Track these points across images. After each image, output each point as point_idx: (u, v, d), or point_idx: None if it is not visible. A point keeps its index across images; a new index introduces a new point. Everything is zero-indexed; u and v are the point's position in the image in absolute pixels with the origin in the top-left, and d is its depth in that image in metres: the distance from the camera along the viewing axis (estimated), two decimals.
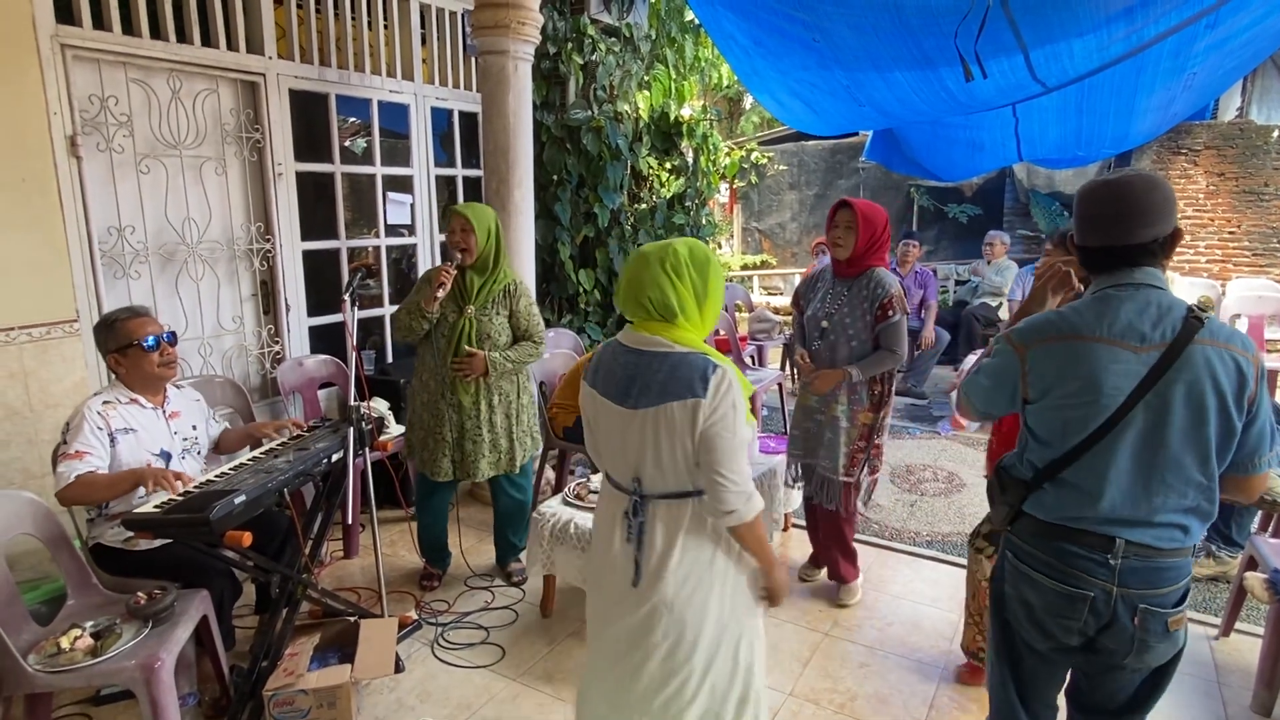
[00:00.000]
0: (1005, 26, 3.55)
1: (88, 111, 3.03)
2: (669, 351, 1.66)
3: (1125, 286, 1.52)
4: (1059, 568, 1.56)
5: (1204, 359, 1.44)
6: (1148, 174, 1.57)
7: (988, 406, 1.70)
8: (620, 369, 1.72)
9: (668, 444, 1.64)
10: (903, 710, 2.54)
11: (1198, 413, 1.45)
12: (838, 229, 2.90)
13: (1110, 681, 1.63)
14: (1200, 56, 4.38)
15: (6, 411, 2.83)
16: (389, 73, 4.19)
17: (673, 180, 5.91)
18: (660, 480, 1.69)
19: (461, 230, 2.94)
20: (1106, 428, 1.48)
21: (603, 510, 1.85)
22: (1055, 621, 1.58)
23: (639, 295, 1.67)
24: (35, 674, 1.98)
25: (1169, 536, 1.51)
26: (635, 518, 1.72)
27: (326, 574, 3.37)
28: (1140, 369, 1.46)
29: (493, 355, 2.98)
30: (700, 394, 1.60)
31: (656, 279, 1.65)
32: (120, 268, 3.21)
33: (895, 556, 3.63)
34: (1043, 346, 1.55)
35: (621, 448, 1.73)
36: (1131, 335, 1.47)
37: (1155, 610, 1.51)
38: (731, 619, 1.73)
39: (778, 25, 4.03)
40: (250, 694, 2.36)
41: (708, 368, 1.62)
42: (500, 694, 2.59)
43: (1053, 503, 1.57)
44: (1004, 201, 9.28)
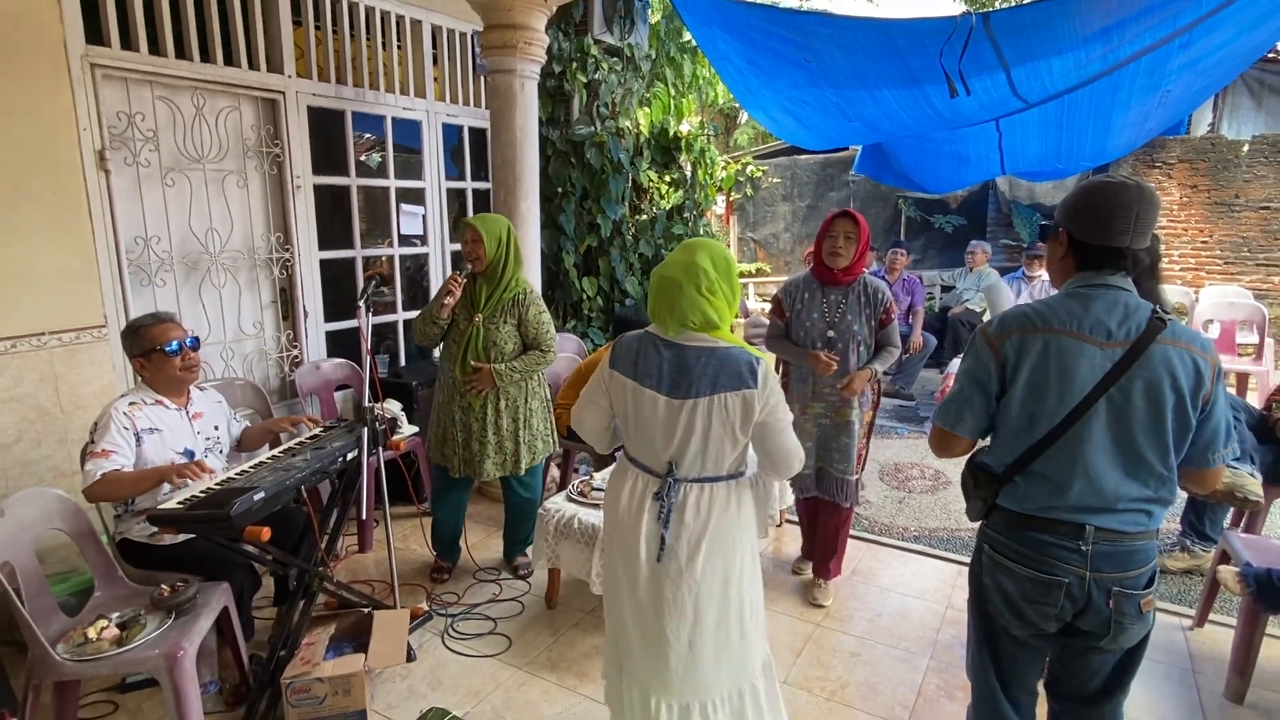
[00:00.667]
0: (988, 46, 3.56)
1: (116, 127, 3.03)
2: (714, 347, 1.75)
3: (1099, 286, 1.53)
4: (1034, 556, 1.57)
5: (1164, 358, 1.46)
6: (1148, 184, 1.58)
7: (962, 410, 1.62)
8: (665, 362, 1.77)
9: (717, 431, 1.74)
10: (891, 698, 2.53)
11: (1156, 407, 1.48)
12: (836, 239, 2.86)
13: (1086, 666, 1.64)
14: (1174, 75, 4.38)
15: (38, 412, 2.84)
16: (402, 90, 4.20)
17: (672, 192, 5.91)
18: (698, 465, 1.78)
19: (471, 241, 2.94)
20: (1072, 419, 1.49)
21: (625, 492, 1.86)
22: (1033, 608, 1.58)
23: (683, 319, 1.74)
24: (63, 663, 1.98)
25: (1133, 521, 1.53)
26: (668, 498, 1.78)
27: (342, 567, 3.36)
28: (1105, 363, 1.48)
29: (498, 367, 2.95)
30: (752, 384, 1.71)
31: (696, 303, 1.73)
32: (146, 275, 3.21)
33: (884, 551, 3.62)
34: (1018, 338, 1.54)
35: (663, 435, 1.78)
36: (1099, 331, 1.49)
37: (1128, 593, 1.53)
38: (751, 589, 1.87)
39: (771, 46, 4.03)
40: (269, 682, 2.36)
41: (751, 360, 1.73)
42: (507, 682, 2.58)
43: (1024, 494, 1.58)
44: (987, 212, 9.28)
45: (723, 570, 1.80)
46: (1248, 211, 7.01)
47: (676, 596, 1.79)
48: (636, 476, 1.86)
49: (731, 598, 1.82)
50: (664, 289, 1.76)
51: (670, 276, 1.75)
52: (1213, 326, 5.84)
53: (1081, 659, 1.64)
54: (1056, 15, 3.44)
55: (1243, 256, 7.08)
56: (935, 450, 1.72)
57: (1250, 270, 7.05)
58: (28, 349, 2.79)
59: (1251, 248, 7.03)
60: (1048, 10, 3.51)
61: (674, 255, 1.80)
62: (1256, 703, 2.49)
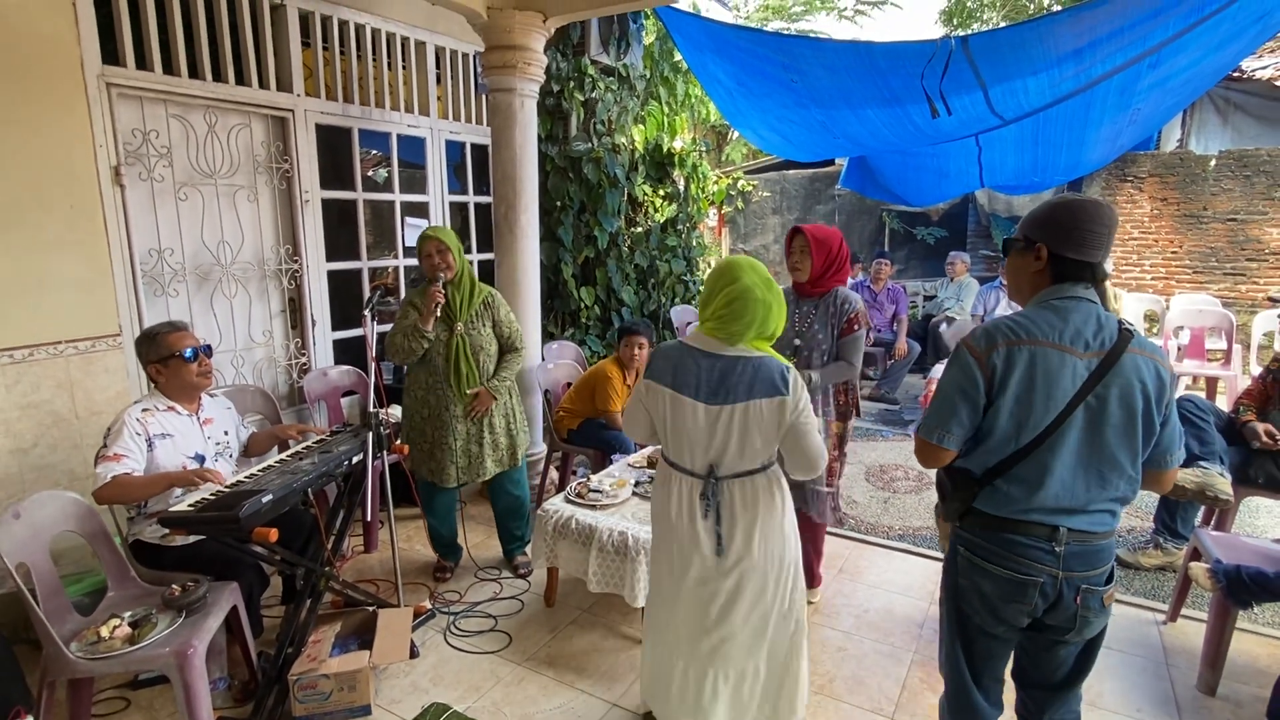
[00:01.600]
0: (966, 67, 3.58)
1: (131, 144, 3.03)
2: (750, 356, 1.85)
3: (1074, 299, 1.54)
4: (1009, 558, 1.57)
5: (1134, 365, 1.49)
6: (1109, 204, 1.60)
7: (948, 423, 1.57)
8: (703, 372, 1.86)
9: (754, 432, 1.84)
10: (877, 690, 2.52)
11: (1129, 412, 1.50)
12: (794, 254, 2.83)
13: (1053, 657, 1.67)
14: (1144, 93, 4.42)
15: (54, 418, 2.82)
16: (407, 109, 4.20)
17: (666, 206, 5.92)
18: (738, 462, 1.88)
19: (439, 252, 2.88)
20: (1054, 426, 1.50)
21: (671, 492, 1.96)
22: (1008, 606, 1.59)
23: (762, 329, 1.85)
24: (77, 660, 1.96)
25: (1101, 521, 1.55)
26: (714, 497, 1.89)
27: (348, 567, 3.34)
28: (1083, 372, 1.50)
29: (493, 384, 3.02)
30: (784, 391, 1.81)
31: (776, 317, 1.86)
32: (160, 286, 3.20)
33: (870, 549, 3.61)
34: (1004, 350, 1.52)
35: (704, 439, 1.87)
36: (1078, 341, 1.50)
37: (1094, 589, 1.56)
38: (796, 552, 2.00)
39: (759, 67, 4.06)
40: (276, 678, 2.34)
41: (784, 369, 1.84)
42: (507, 677, 2.56)
43: (1002, 498, 1.58)
44: (967, 225, 9.31)
45: (779, 550, 1.93)
46: (1215, 223, 7.04)
47: (741, 584, 1.91)
48: (680, 481, 1.94)
49: (785, 574, 1.95)
50: (753, 308, 1.82)
51: (761, 298, 1.83)
52: (1183, 333, 5.86)
53: (1048, 651, 1.67)
54: (1031, 37, 3.47)
55: (1211, 266, 7.11)
56: (922, 462, 1.70)
57: (1218, 279, 7.08)
58: (45, 357, 2.77)
59: (1219, 257, 7.06)
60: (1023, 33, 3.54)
61: (748, 277, 1.84)
62: (1227, 694, 2.48)
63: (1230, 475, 2.92)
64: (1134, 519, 3.84)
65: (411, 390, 3.07)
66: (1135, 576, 3.28)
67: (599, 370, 3.91)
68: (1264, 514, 3.99)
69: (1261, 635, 2.82)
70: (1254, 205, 6.86)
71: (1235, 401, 3.29)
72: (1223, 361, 5.68)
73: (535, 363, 4.09)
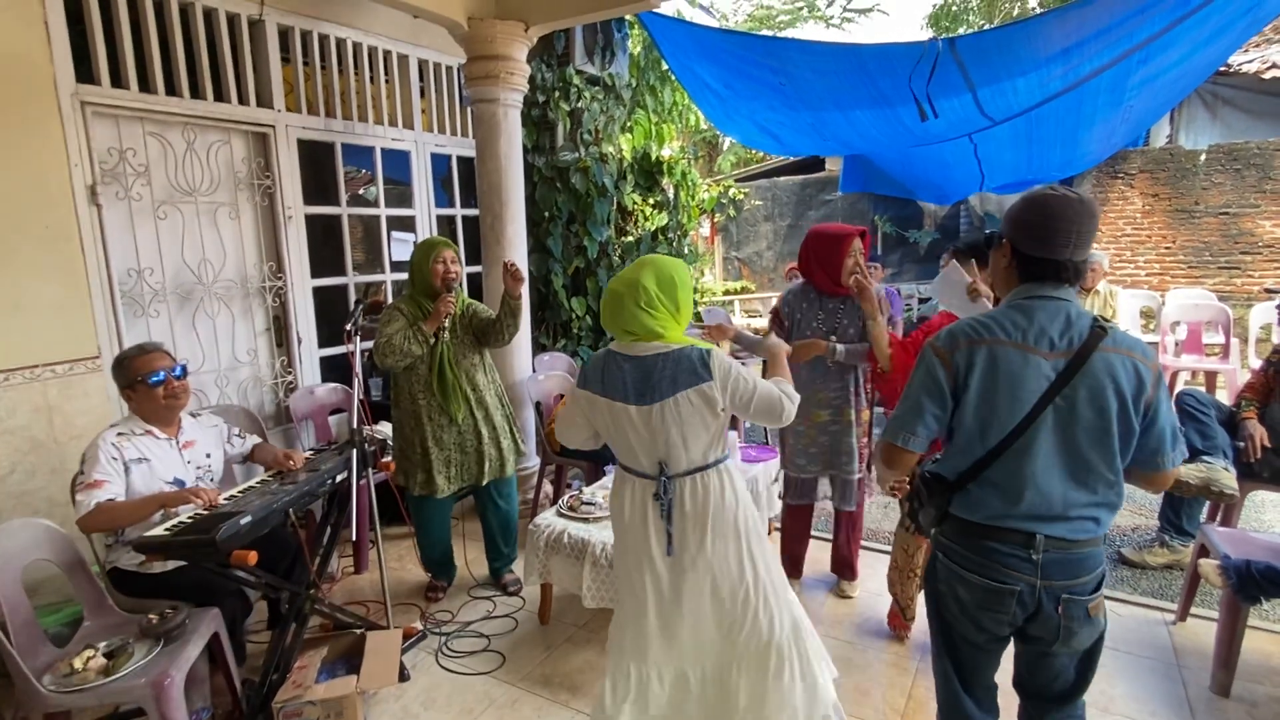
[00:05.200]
0: (954, 69, 3.56)
1: (107, 163, 2.98)
2: (667, 351, 1.82)
3: (1043, 298, 1.50)
4: (986, 565, 1.53)
5: (1105, 365, 1.43)
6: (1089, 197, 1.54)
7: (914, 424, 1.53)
8: (628, 374, 1.84)
9: (691, 423, 1.81)
10: (883, 701, 2.45)
11: (1100, 414, 1.44)
12: (852, 257, 2.84)
13: (1048, 667, 1.61)
14: (1135, 90, 4.41)
15: (32, 444, 2.76)
16: (391, 122, 4.16)
17: (656, 214, 5.89)
18: (685, 458, 1.84)
19: (452, 261, 2.91)
20: (1022, 428, 1.46)
21: (626, 495, 1.93)
22: (985, 615, 1.55)
23: (625, 328, 1.83)
24: (49, 694, 1.89)
25: (1082, 528, 1.49)
26: (665, 496, 1.85)
27: (338, 589, 3.27)
28: (1051, 373, 1.45)
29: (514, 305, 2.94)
30: (708, 376, 1.79)
31: (636, 316, 1.81)
32: (140, 307, 3.15)
33: (873, 555, 3.54)
34: (967, 350, 1.49)
35: (646, 440, 1.84)
36: (1043, 341, 1.46)
37: (1076, 598, 1.50)
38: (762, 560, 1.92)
39: (747, 71, 4.03)
40: (261, 706, 2.27)
41: (703, 354, 1.81)
42: (500, 699, 2.49)
43: (976, 503, 1.53)
44: (960, 227, 9.31)
45: (733, 547, 1.87)
46: (1207, 217, 7.04)
47: (695, 581, 1.87)
48: (634, 483, 1.92)
49: (745, 570, 1.88)
50: (609, 302, 1.86)
51: (614, 290, 1.84)
52: (1180, 328, 5.83)
53: (1041, 661, 1.61)
54: (1019, 38, 3.46)
55: (1205, 260, 7.11)
56: (885, 464, 1.61)
57: (1213, 273, 7.07)
58: (21, 381, 2.71)
59: (1213, 252, 7.06)
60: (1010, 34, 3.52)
61: (624, 271, 1.87)
62: (1241, 694, 2.42)
63: (1235, 470, 2.87)
64: (1139, 517, 3.79)
65: (398, 401, 3.01)
66: (1142, 576, 3.22)
67: None
68: (1270, 508, 3.94)
69: (1275, 633, 2.76)
70: (1246, 198, 6.86)
71: (1237, 395, 3.25)
72: (1220, 355, 5.65)
73: (527, 374, 4.03)
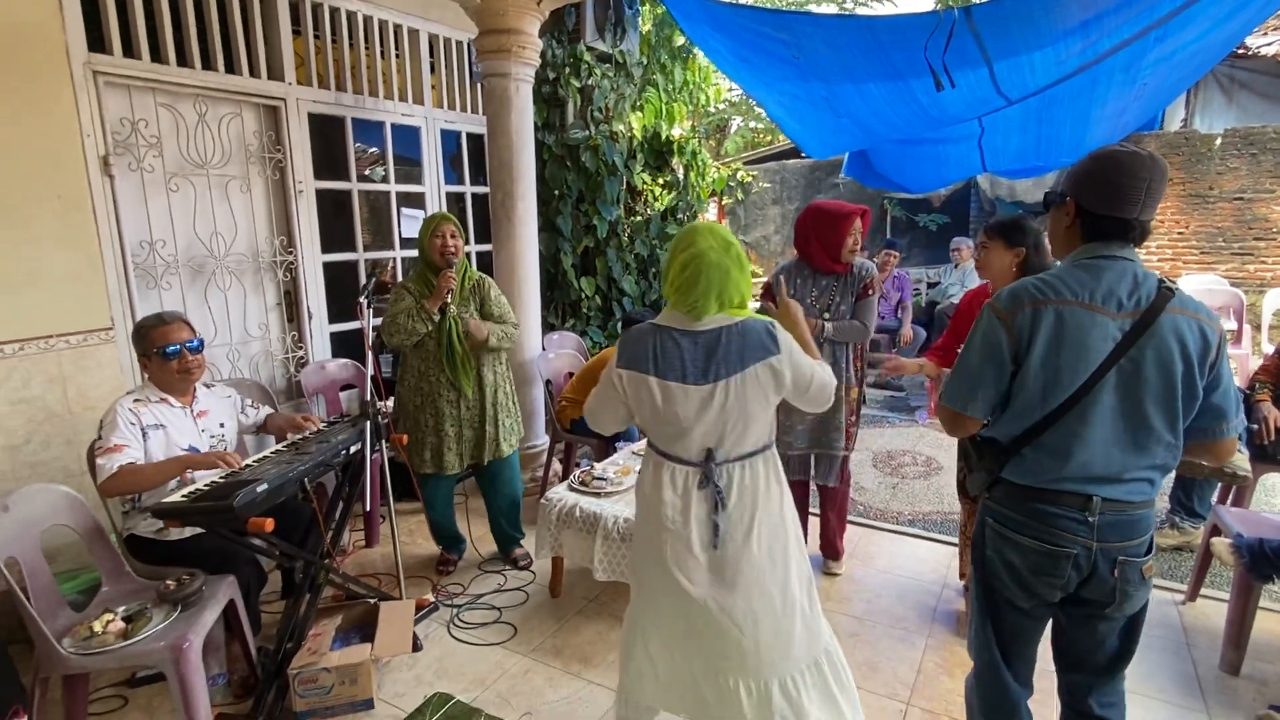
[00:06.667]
0: (970, 40, 3.51)
1: (119, 133, 2.97)
2: (733, 323, 1.69)
3: (1109, 258, 1.45)
4: (1040, 528, 1.50)
5: (1173, 326, 1.40)
6: (1159, 155, 1.48)
7: (974, 389, 1.51)
8: (686, 352, 1.68)
9: (754, 404, 1.68)
10: (892, 676, 2.47)
11: (1166, 376, 1.41)
12: (854, 235, 2.85)
13: (1092, 634, 1.58)
14: (1150, 68, 4.34)
15: (47, 414, 2.77)
16: (401, 97, 4.14)
17: (665, 194, 5.86)
18: (739, 443, 1.71)
19: (453, 236, 2.89)
20: (1084, 390, 1.42)
21: (667, 491, 1.74)
22: (1039, 579, 1.52)
23: (728, 301, 1.69)
24: (69, 656, 1.91)
25: (1138, 490, 1.47)
26: (716, 483, 1.70)
27: (349, 562, 3.29)
28: (1116, 334, 1.41)
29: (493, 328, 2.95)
30: (775, 350, 1.67)
31: (738, 283, 1.70)
32: (152, 279, 3.15)
33: (880, 535, 3.56)
34: (1031, 311, 1.44)
35: (699, 423, 1.69)
36: (1110, 301, 1.42)
37: (1132, 560, 1.48)
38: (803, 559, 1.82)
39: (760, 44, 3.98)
40: (276, 673, 2.29)
41: (769, 325, 1.70)
42: (512, 669, 2.51)
43: (1031, 466, 1.50)
44: (970, 210, 9.25)
45: (780, 543, 1.75)
46: (1221, 202, 6.97)
47: (738, 579, 1.71)
48: (674, 471, 1.75)
49: (791, 569, 1.76)
50: (708, 274, 1.66)
51: (716, 261, 1.66)
52: None
53: (1086, 628, 1.58)
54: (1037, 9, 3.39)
55: (1218, 246, 7.04)
56: (948, 431, 1.62)
57: (1226, 259, 7.01)
58: (36, 351, 2.72)
59: (1226, 237, 6.99)
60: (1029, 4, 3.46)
61: (703, 240, 1.68)
62: (1251, 673, 2.43)
63: (1248, 451, 2.86)
64: None
65: (405, 379, 3.01)
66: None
67: (602, 358, 3.86)
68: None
69: None
70: (1261, 184, 6.79)
71: (1251, 378, 3.22)
72: (1233, 341, 5.62)
73: (536, 353, 4.03)
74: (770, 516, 1.74)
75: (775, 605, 1.73)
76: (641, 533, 1.84)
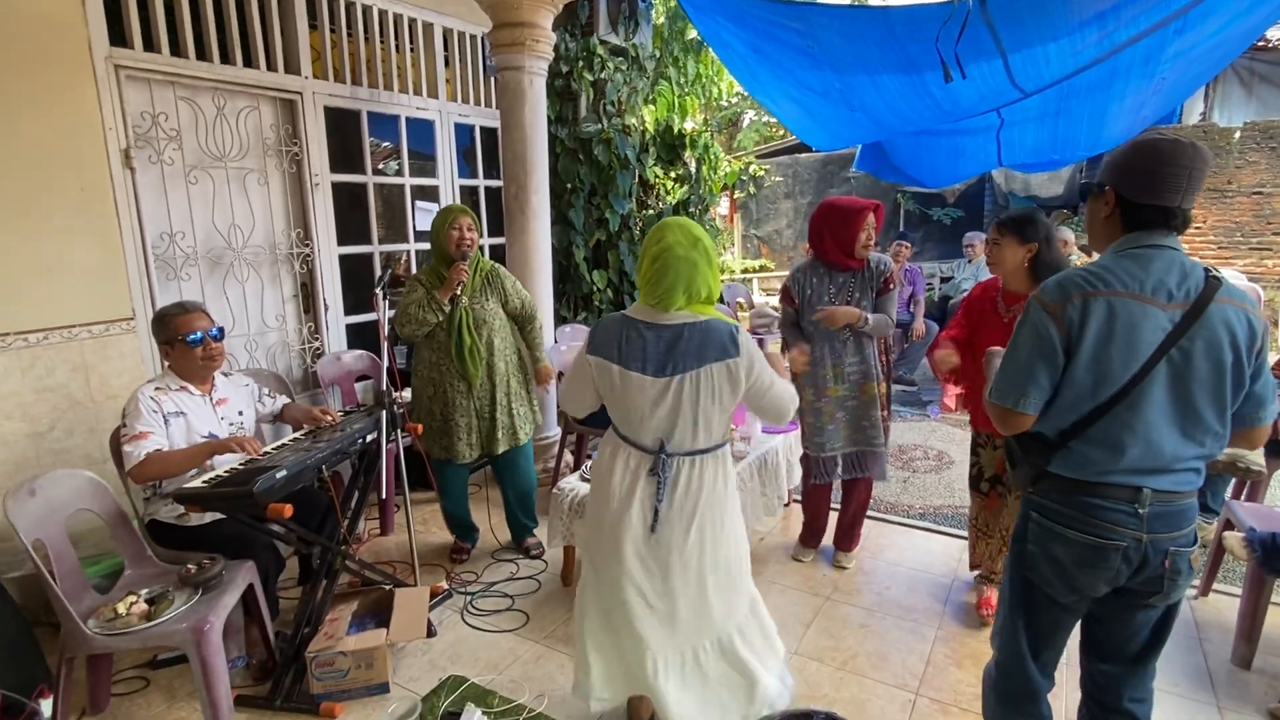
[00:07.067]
0: (985, 30, 3.49)
1: (140, 127, 3.02)
2: (697, 321, 1.74)
3: (1155, 247, 1.43)
4: (1089, 521, 1.47)
5: (1223, 316, 1.39)
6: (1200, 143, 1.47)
7: (1026, 386, 1.48)
8: (649, 344, 1.74)
9: (706, 402, 1.73)
10: (901, 666, 2.48)
11: (1216, 366, 1.40)
12: (867, 230, 2.85)
13: (1129, 624, 1.56)
14: (1169, 61, 4.29)
15: (70, 402, 2.82)
16: (415, 91, 4.17)
17: (677, 188, 5.87)
18: (689, 439, 1.78)
19: (468, 228, 2.92)
20: (1134, 382, 1.40)
21: (618, 469, 1.84)
22: (1085, 573, 1.49)
23: (696, 294, 1.74)
24: (94, 636, 1.96)
25: (1186, 480, 1.46)
26: (663, 474, 1.78)
27: (364, 550, 3.34)
28: (1167, 324, 1.39)
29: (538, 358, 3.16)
30: (734, 353, 1.71)
31: (706, 278, 1.75)
32: (172, 270, 3.20)
33: (891, 528, 3.57)
34: (1081, 303, 1.41)
35: (652, 414, 1.76)
36: (1160, 292, 1.39)
37: (1182, 550, 1.47)
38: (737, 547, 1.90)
39: (774, 34, 3.98)
40: (294, 656, 2.34)
41: (732, 330, 1.74)
42: (525, 655, 2.54)
43: (1080, 460, 1.47)
44: (984, 205, 9.19)
45: (712, 536, 1.83)
46: (1240, 197, 6.89)
47: (669, 563, 1.81)
48: (629, 454, 1.84)
49: (720, 558, 1.85)
50: (676, 266, 1.71)
51: (684, 255, 1.72)
52: None
53: (1122, 617, 1.56)
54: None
55: (1236, 241, 6.97)
56: (1000, 429, 1.58)
57: (1244, 254, 6.94)
58: (59, 340, 2.78)
59: (1244, 232, 6.92)
60: None
61: (671, 235, 1.74)
62: (1263, 667, 2.42)
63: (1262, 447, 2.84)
64: None
65: (418, 370, 3.04)
66: None
67: None
68: None
69: None
70: None
71: None
72: None
73: (549, 345, 4.06)
74: (713, 512, 1.82)
75: (698, 588, 1.83)
76: (590, 507, 1.96)
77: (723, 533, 1.85)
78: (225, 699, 2.05)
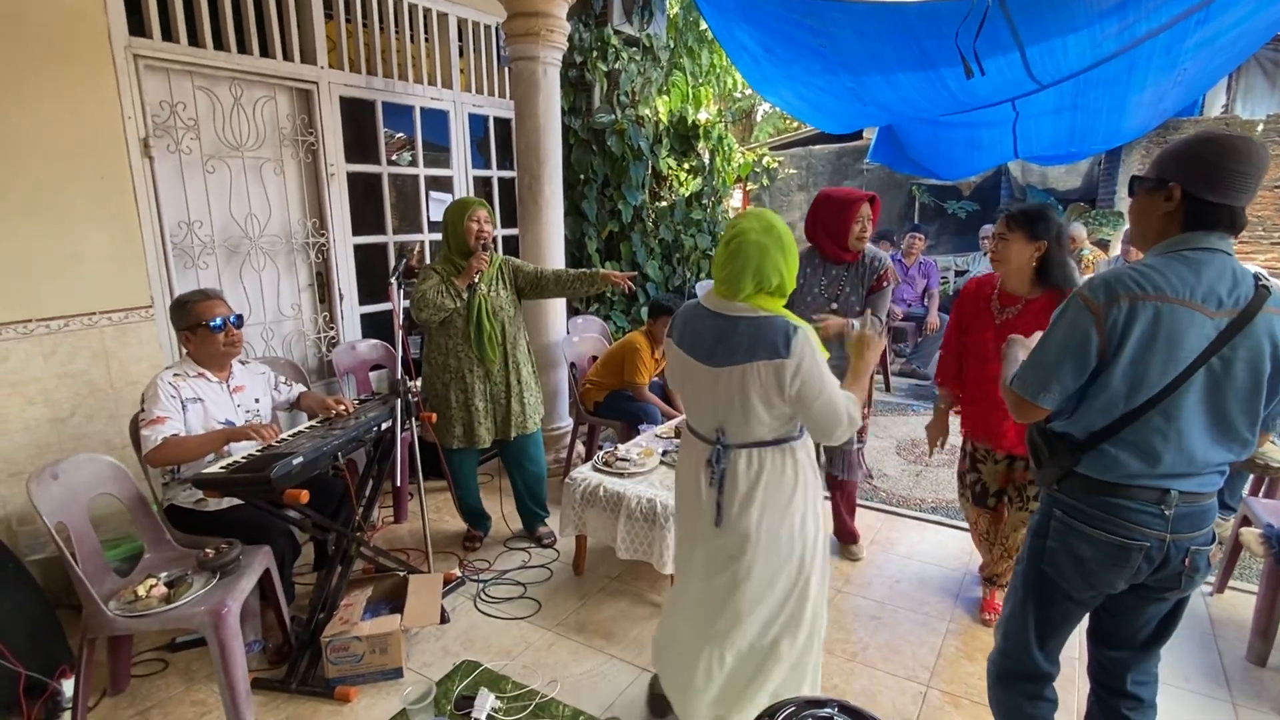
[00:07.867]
0: (1003, 24, 3.45)
1: (159, 116, 3.04)
2: (753, 315, 1.70)
3: (1206, 250, 1.38)
4: (1115, 521, 1.46)
5: (1268, 326, 1.36)
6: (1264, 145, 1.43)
7: (1050, 380, 1.46)
8: (707, 331, 1.76)
9: (756, 398, 1.69)
10: (912, 658, 2.48)
11: (1254, 376, 1.38)
12: (860, 222, 2.78)
13: (1140, 615, 1.57)
14: (1190, 53, 4.22)
15: (90, 388, 2.86)
16: (430, 81, 4.17)
17: (690, 179, 5.85)
18: (744, 431, 1.74)
19: (486, 220, 2.94)
20: (1172, 388, 1.38)
21: (686, 458, 1.90)
22: (1107, 571, 1.49)
23: (759, 275, 1.69)
24: (115, 618, 2.00)
25: (1211, 482, 1.46)
26: (718, 465, 1.77)
27: (378, 537, 3.37)
28: (1211, 332, 1.36)
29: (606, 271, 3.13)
30: (784, 354, 1.64)
31: (778, 267, 1.69)
32: (190, 258, 3.23)
33: (903, 521, 3.56)
34: (1128, 305, 1.37)
35: (709, 402, 1.77)
36: (1211, 299, 1.35)
37: (1202, 549, 1.47)
38: (807, 550, 1.81)
39: (787, 32, 3.95)
40: (309, 641, 2.37)
41: (789, 329, 1.66)
42: (537, 642, 2.57)
43: (1111, 462, 1.45)
44: (1000, 198, 9.09)
45: (780, 528, 1.77)
46: (1262, 191, 6.79)
47: (731, 557, 1.79)
48: (694, 445, 1.86)
49: (782, 554, 1.78)
50: (746, 250, 1.68)
51: (755, 240, 1.68)
52: None
53: (1135, 609, 1.57)
54: None
55: (1257, 236, 6.87)
56: (1015, 416, 1.57)
57: (1265, 249, 6.84)
58: (80, 327, 2.81)
59: (1266, 227, 6.82)
60: None
61: (746, 221, 1.72)
62: (1278, 664, 2.41)
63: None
64: None
65: (431, 357, 3.06)
66: None
67: (627, 342, 3.89)
68: None
69: None
70: None
71: None
72: None
73: (561, 336, 4.07)
74: (776, 503, 1.75)
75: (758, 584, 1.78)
76: (676, 499, 2.00)
77: (792, 524, 1.77)
78: (242, 681, 2.08)
